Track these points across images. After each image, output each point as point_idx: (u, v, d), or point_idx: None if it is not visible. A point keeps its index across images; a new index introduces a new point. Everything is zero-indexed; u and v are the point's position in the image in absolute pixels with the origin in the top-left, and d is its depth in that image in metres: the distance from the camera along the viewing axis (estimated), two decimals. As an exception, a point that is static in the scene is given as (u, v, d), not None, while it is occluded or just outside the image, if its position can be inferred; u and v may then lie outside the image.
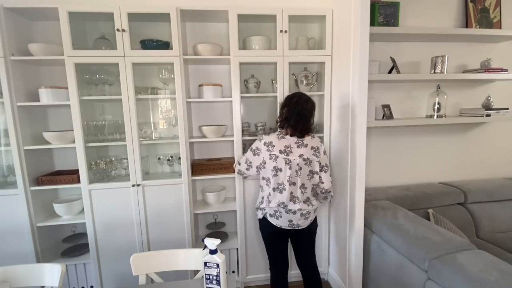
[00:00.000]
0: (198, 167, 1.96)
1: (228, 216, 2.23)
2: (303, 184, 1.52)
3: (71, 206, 1.86)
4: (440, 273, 1.25)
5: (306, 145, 1.53)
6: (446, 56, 2.01)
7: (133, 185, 1.83)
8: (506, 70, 2.08)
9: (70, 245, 2.00)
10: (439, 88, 2.15)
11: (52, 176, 1.83)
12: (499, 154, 2.49)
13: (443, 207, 2.10)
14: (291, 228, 1.55)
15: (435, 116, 2.14)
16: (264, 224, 1.61)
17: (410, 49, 2.18)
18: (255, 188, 1.97)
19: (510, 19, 2.24)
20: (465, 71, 2.21)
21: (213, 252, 1.03)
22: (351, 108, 1.68)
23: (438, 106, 2.14)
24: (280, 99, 1.88)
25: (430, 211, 2.00)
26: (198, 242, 2.05)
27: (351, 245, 1.79)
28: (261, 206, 1.59)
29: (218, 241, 1.03)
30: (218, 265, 1.02)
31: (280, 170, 1.50)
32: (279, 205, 1.51)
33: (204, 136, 1.97)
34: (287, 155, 1.50)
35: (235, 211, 2.00)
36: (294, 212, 1.51)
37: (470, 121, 2.13)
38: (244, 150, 2.03)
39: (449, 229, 1.85)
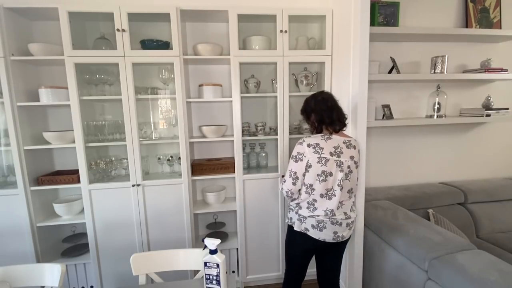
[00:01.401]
0: (198, 167, 1.96)
1: (228, 216, 2.23)
2: (351, 189, 1.38)
3: (71, 206, 1.86)
4: (440, 273, 1.25)
5: (354, 147, 1.38)
6: (446, 56, 2.01)
7: (133, 185, 1.83)
8: (506, 70, 2.08)
9: (70, 245, 1.99)
10: (439, 88, 2.15)
11: (52, 176, 1.83)
12: (499, 154, 2.49)
13: (443, 207, 2.10)
14: (334, 242, 1.36)
15: (435, 116, 2.14)
16: (299, 238, 1.39)
17: (410, 49, 2.18)
18: (255, 188, 1.97)
19: (510, 19, 2.24)
20: (465, 71, 2.21)
21: (213, 252, 1.03)
22: (351, 108, 1.68)
23: (438, 106, 2.14)
24: (280, 99, 1.88)
25: (430, 211, 2.00)
26: (198, 242, 2.05)
27: (351, 245, 1.79)
28: (300, 212, 1.37)
29: (218, 241, 1.03)
30: (218, 265, 1.02)
31: (330, 174, 1.31)
32: (326, 214, 1.32)
33: (204, 136, 1.97)
34: (338, 156, 1.32)
35: (235, 211, 2.00)
36: (340, 224, 1.34)
37: (470, 121, 2.13)
38: (244, 150, 2.04)
39: (449, 229, 1.85)
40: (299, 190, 1.38)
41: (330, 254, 1.47)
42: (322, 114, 1.37)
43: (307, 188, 1.34)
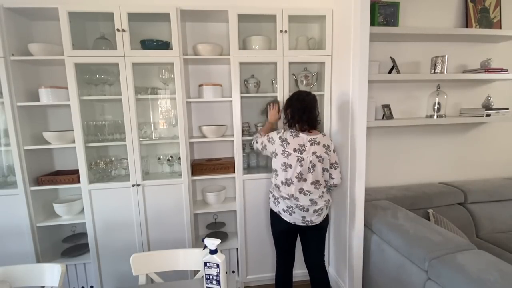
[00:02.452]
0: (198, 167, 1.96)
1: (228, 216, 2.23)
2: (317, 181, 1.55)
3: (71, 206, 1.86)
4: (440, 273, 1.25)
5: (318, 143, 1.55)
6: (446, 56, 2.01)
7: (133, 185, 1.83)
8: (506, 70, 2.08)
9: (70, 245, 1.99)
10: (439, 88, 2.15)
11: (52, 176, 1.83)
12: (499, 154, 2.49)
13: (443, 207, 2.10)
14: (304, 225, 1.55)
15: (435, 116, 2.14)
16: (276, 220, 1.63)
17: (410, 49, 2.18)
18: (255, 188, 1.97)
19: (510, 19, 2.24)
20: (465, 71, 2.21)
21: (213, 252, 1.03)
22: (351, 108, 1.68)
23: (438, 106, 2.14)
24: (281, 99, 1.88)
25: (430, 211, 2.00)
26: (198, 242, 2.05)
27: (351, 245, 1.79)
28: (274, 192, 1.61)
29: (218, 241, 1.03)
30: (218, 265, 1.02)
31: (290, 166, 1.53)
32: (289, 197, 1.53)
33: (204, 136, 1.97)
34: (301, 153, 1.53)
35: (235, 211, 2.00)
36: (307, 210, 1.52)
37: (470, 121, 2.13)
38: (244, 150, 2.04)
39: (449, 229, 1.85)
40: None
41: (308, 236, 1.64)
42: (294, 111, 1.58)
43: (273, 172, 1.62)
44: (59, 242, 2.00)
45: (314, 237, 1.64)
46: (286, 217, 1.56)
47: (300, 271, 2.03)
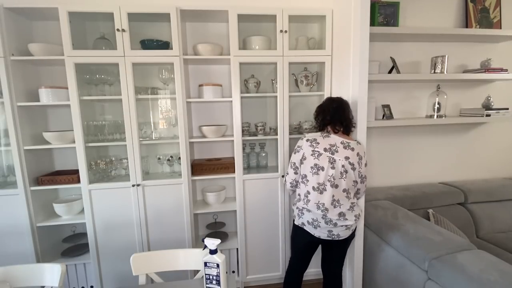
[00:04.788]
0: (198, 167, 1.96)
1: (228, 216, 2.23)
2: (348, 189, 1.40)
3: (71, 206, 1.86)
4: (440, 273, 1.25)
5: (352, 149, 1.42)
6: (446, 56, 2.01)
7: (133, 185, 1.83)
8: (506, 70, 2.08)
9: (70, 245, 1.99)
10: (439, 88, 2.15)
11: (52, 176, 1.82)
12: (499, 154, 2.49)
13: (443, 207, 2.10)
14: (330, 239, 1.43)
15: (435, 116, 2.14)
16: (299, 233, 1.49)
17: (410, 49, 2.18)
18: (255, 188, 1.97)
19: (510, 19, 2.24)
20: (465, 71, 2.21)
21: (213, 252, 1.03)
22: (351, 108, 1.68)
23: (438, 106, 2.14)
24: (280, 99, 1.88)
25: (430, 211, 2.00)
26: (198, 242, 2.05)
27: (351, 245, 1.78)
28: (298, 204, 1.47)
29: (218, 241, 1.03)
30: (218, 265, 1.02)
31: (322, 168, 1.39)
32: (318, 207, 1.38)
33: (204, 136, 1.97)
34: (332, 154, 1.40)
35: (235, 211, 2.00)
36: (335, 224, 1.38)
37: (470, 121, 2.13)
38: (244, 150, 2.04)
39: (449, 229, 1.85)
40: (298, 181, 1.51)
41: (332, 248, 1.55)
42: (325, 111, 1.49)
43: (303, 179, 1.47)
44: (59, 242, 2.00)
45: (337, 250, 1.53)
46: (310, 229, 1.44)
47: (311, 270, 2.00)
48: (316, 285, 2.09)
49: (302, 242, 1.52)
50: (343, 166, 1.39)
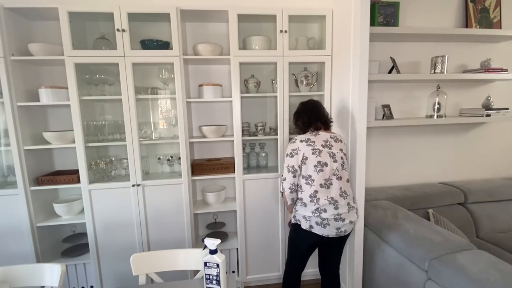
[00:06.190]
0: (198, 167, 1.96)
1: (228, 216, 2.23)
2: (349, 179, 1.50)
3: (71, 206, 1.86)
4: (440, 273, 1.25)
5: (341, 141, 1.51)
6: (446, 56, 2.01)
7: (133, 185, 1.83)
8: (506, 70, 2.08)
9: (70, 245, 2.00)
10: (439, 88, 2.15)
11: (52, 176, 1.82)
12: (499, 154, 2.49)
13: (443, 207, 2.10)
14: (338, 236, 1.45)
15: (435, 116, 2.14)
16: (304, 236, 1.46)
17: (410, 49, 2.18)
18: (255, 188, 1.97)
19: (510, 19, 2.24)
20: (465, 71, 2.21)
21: (213, 252, 1.03)
22: (351, 108, 1.68)
23: (438, 106, 2.14)
24: (280, 99, 1.88)
25: (430, 211, 2.00)
26: (198, 242, 2.05)
27: (351, 245, 1.79)
28: (304, 212, 1.43)
29: (218, 241, 1.03)
30: (218, 265, 1.02)
31: (326, 164, 1.41)
32: (330, 202, 1.40)
33: (204, 136, 1.97)
34: (330, 148, 1.45)
35: (235, 211, 2.00)
36: (343, 220, 1.41)
37: (470, 121, 2.13)
38: (244, 150, 2.04)
39: (449, 229, 1.85)
40: (299, 184, 1.49)
41: (332, 247, 1.57)
42: (302, 115, 1.56)
43: (307, 180, 1.44)
44: (59, 242, 2.00)
45: (336, 247, 1.57)
46: (318, 231, 1.42)
47: (309, 270, 2.04)
48: (313, 285, 2.08)
49: (305, 244, 1.50)
50: (341, 158, 1.47)
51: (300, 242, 1.52)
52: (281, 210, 2.01)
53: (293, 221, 1.52)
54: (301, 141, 1.46)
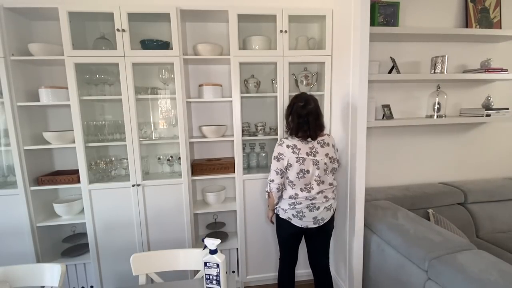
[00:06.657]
0: (198, 167, 1.96)
1: (228, 216, 2.23)
2: (331, 183, 1.56)
3: (71, 206, 1.86)
4: (440, 273, 1.25)
5: (328, 144, 1.54)
6: (446, 56, 2.01)
7: (133, 185, 1.83)
8: (506, 70, 2.08)
9: (70, 245, 2.00)
10: (439, 88, 2.15)
11: (52, 176, 1.83)
12: (499, 154, 2.49)
13: (443, 207, 2.10)
14: (316, 226, 1.54)
15: (435, 116, 2.14)
16: (285, 225, 1.58)
17: (410, 49, 2.18)
18: (255, 188, 1.97)
19: (510, 19, 2.24)
20: (465, 71, 2.21)
21: (213, 252, 1.03)
22: (351, 108, 1.68)
23: (438, 106, 2.14)
24: (280, 99, 1.88)
25: (430, 211, 2.00)
26: (198, 242, 2.05)
27: (351, 245, 1.79)
28: (282, 204, 1.55)
29: (218, 241, 1.03)
30: (218, 265, 1.02)
31: (308, 172, 1.48)
32: (307, 198, 1.49)
33: (204, 136, 1.97)
34: (314, 156, 1.49)
35: (235, 211, 2.00)
36: (318, 208, 1.51)
37: (470, 121, 2.13)
38: (244, 150, 2.04)
39: (449, 229, 1.85)
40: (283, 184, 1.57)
41: (316, 237, 1.63)
42: (295, 117, 1.50)
43: (290, 183, 1.53)
44: (59, 242, 2.00)
45: (320, 238, 1.64)
46: (296, 222, 1.54)
47: (303, 271, 2.04)
48: (308, 286, 2.08)
49: (287, 232, 1.61)
50: (325, 163, 1.51)
51: (283, 231, 1.62)
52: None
53: (274, 213, 1.64)
54: (288, 146, 1.50)
